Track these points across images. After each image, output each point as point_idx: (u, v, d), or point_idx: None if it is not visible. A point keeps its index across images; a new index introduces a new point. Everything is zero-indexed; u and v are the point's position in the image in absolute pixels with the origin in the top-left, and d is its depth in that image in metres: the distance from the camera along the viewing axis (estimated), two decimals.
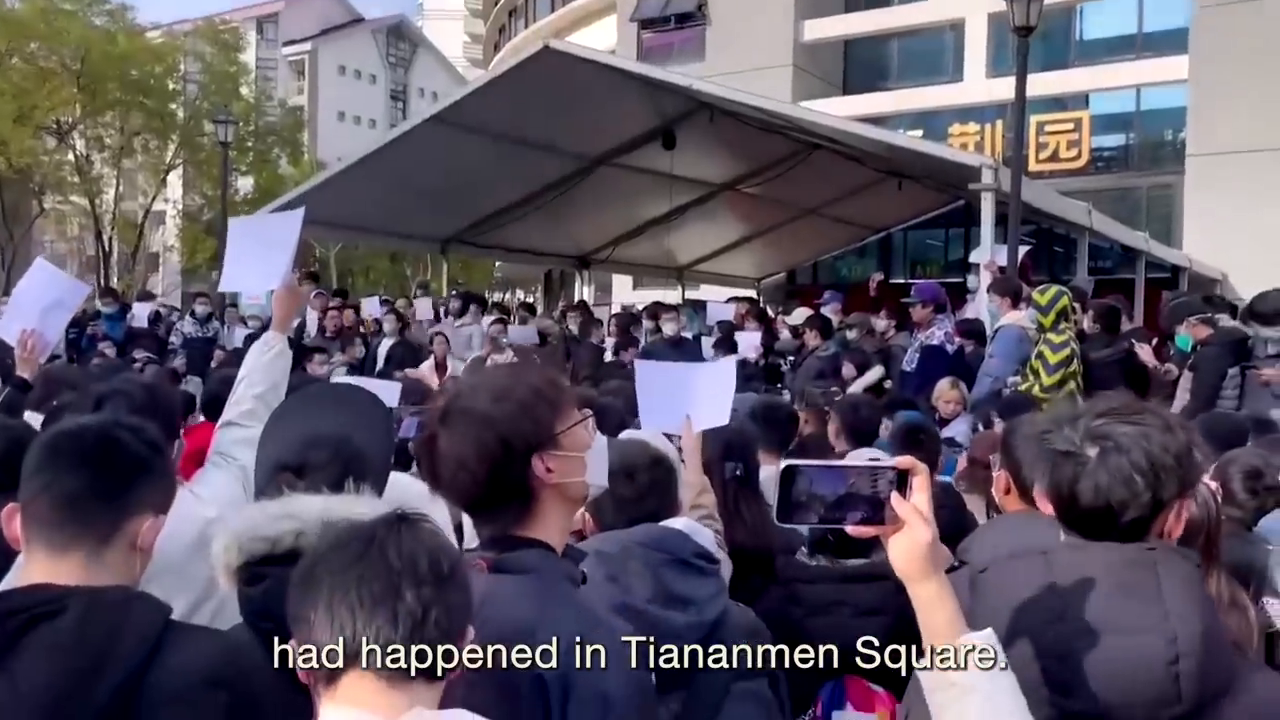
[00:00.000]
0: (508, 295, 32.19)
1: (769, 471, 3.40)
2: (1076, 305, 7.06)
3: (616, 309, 16.82)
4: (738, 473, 3.25)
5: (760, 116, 11.84)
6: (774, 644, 2.37)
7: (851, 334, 9.07)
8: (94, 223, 30.34)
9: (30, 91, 25.88)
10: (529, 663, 1.46)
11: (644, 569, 2.01)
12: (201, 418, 4.22)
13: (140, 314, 12.34)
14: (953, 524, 3.22)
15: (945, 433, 5.39)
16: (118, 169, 30.75)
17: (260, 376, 2.67)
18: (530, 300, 24.72)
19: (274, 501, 1.71)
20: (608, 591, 1.92)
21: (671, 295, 16.64)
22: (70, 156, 29.32)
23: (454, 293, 13.29)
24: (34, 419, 3.41)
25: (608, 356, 10.32)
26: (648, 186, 14.20)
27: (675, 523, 2.18)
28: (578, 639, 1.51)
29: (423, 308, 12.40)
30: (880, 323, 9.05)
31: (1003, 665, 1.34)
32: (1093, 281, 11.93)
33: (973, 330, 7.80)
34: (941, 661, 1.33)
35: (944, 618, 1.34)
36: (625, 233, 16.04)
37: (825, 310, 10.02)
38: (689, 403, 3.10)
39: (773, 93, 16.15)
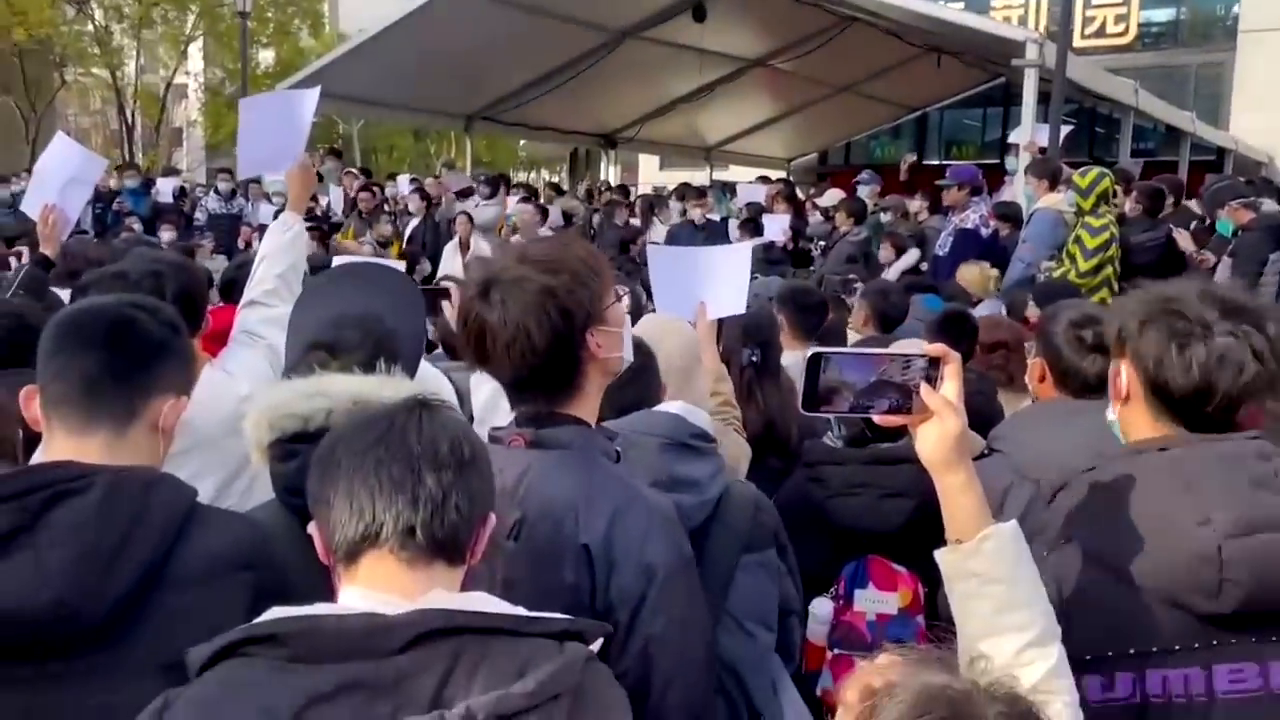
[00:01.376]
0: (533, 175, 31.82)
1: (795, 358, 3.37)
2: (1119, 188, 6.86)
3: (644, 189, 16.59)
4: (754, 358, 3.22)
5: None
6: (790, 521, 2.39)
7: (885, 217, 8.90)
8: (116, 96, 29.99)
9: None
10: (574, 533, 1.49)
11: (644, 455, 2.00)
12: (219, 300, 4.20)
13: (165, 189, 12.31)
14: (983, 412, 3.19)
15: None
16: (138, 40, 30.19)
17: (280, 256, 2.67)
18: (556, 180, 24.41)
19: (306, 379, 1.71)
20: None
21: (699, 176, 16.36)
22: (89, 27, 28.79)
23: (481, 175, 13.11)
24: (64, 294, 3.42)
25: None
26: (676, 61, 13.79)
27: (670, 406, 2.18)
28: (621, 510, 1.53)
29: (457, 180, 12.25)
30: (914, 204, 8.86)
31: (1026, 557, 1.33)
32: (1140, 164, 11.58)
33: (1008, 213, 7.62)
34: (964, 551, 1.31)
35: (969, 508, 1.32)
36: (652, 111, 15.67)
37: (862, 191, 9.77)
38: (703, 288, 3.05)
39: None
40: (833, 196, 10.17)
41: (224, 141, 31.70)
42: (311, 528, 1.22)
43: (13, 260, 6.00)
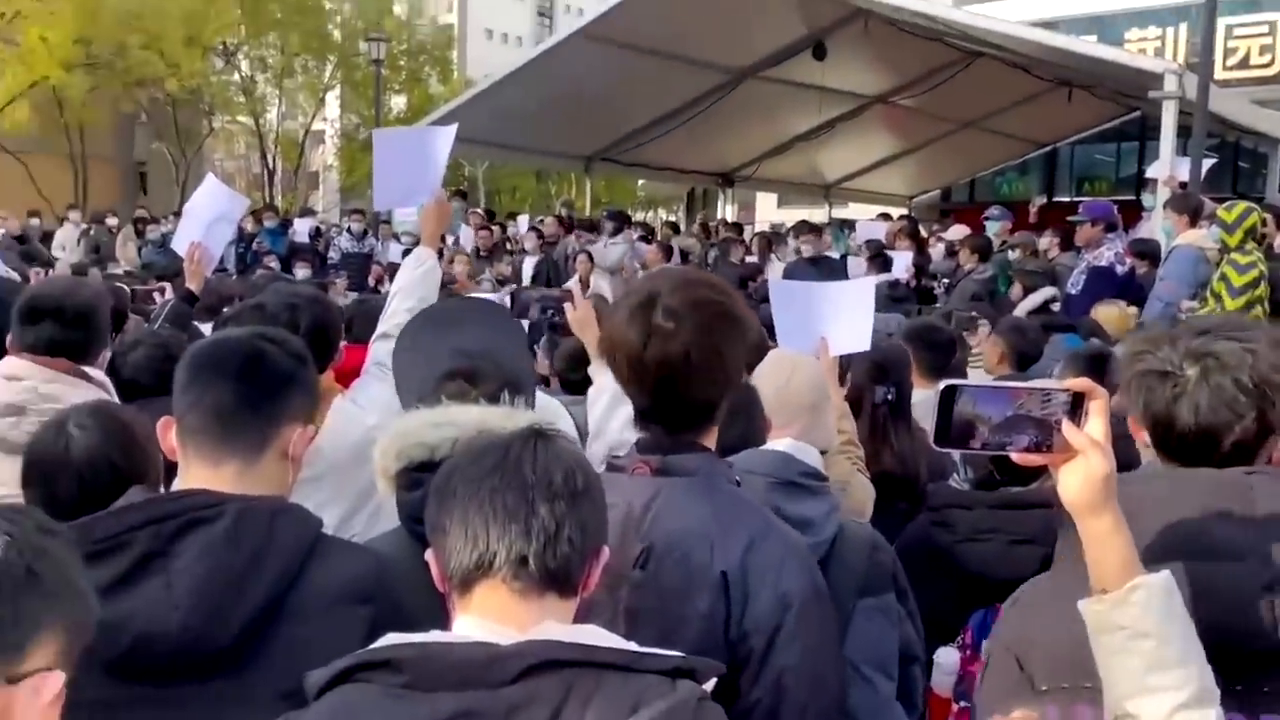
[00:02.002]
0: (650, 214, 32.14)
1: (922, 396, 3.27)
2: (1269, 220, 6.49)
3: (761, 227, 16.55)
4: (889, 397, 3.13)
5: (920, 23, 11.23)
6: (914, 566, 2.29)
7: (1014, 254, 8.62)
8: (259, 141, 31.75)
9: (198, 14, 26.98)
10: (708, 562, 1.46)
11: (752, 494, 1.95)
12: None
13: (301, 230, 12.89)
14: (1123, 456, 3.03)
15: None
16: (280, 89, 31.95)
17: (413, 290, 2.75)
18: (673, 219, 24.59)
19: (433, 409, 1.73)
20: None
21: (818, 213, 16.24)
22: (236, 77, 30.63)
23: (605, 213, 13.33)
24: (206, 328, 3.59)
25: None
26: (795, 100, 13.77)
27: (778, 444, 2.12)
28: (757, 537, 1.51)
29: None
30: (1044, 241, 8.57)
31: (1180, 611, 1.23)
32: None
33: (1146, 250, 7.29)
34: (1110, 601, 1.22)
35: (1117, 556, 1.23)
36: (771, 149, 15.67)
37: (990, 227, 9.50)
38: (825, 323, 2.98)
39: None
40: (958, 232, 9.93)
41: (358, 184, 33.15)
42: (428, 554, 1.23)
43: (157, 296, 6.36)
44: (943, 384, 1.24)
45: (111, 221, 14.01)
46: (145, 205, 15.67)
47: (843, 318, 3.03)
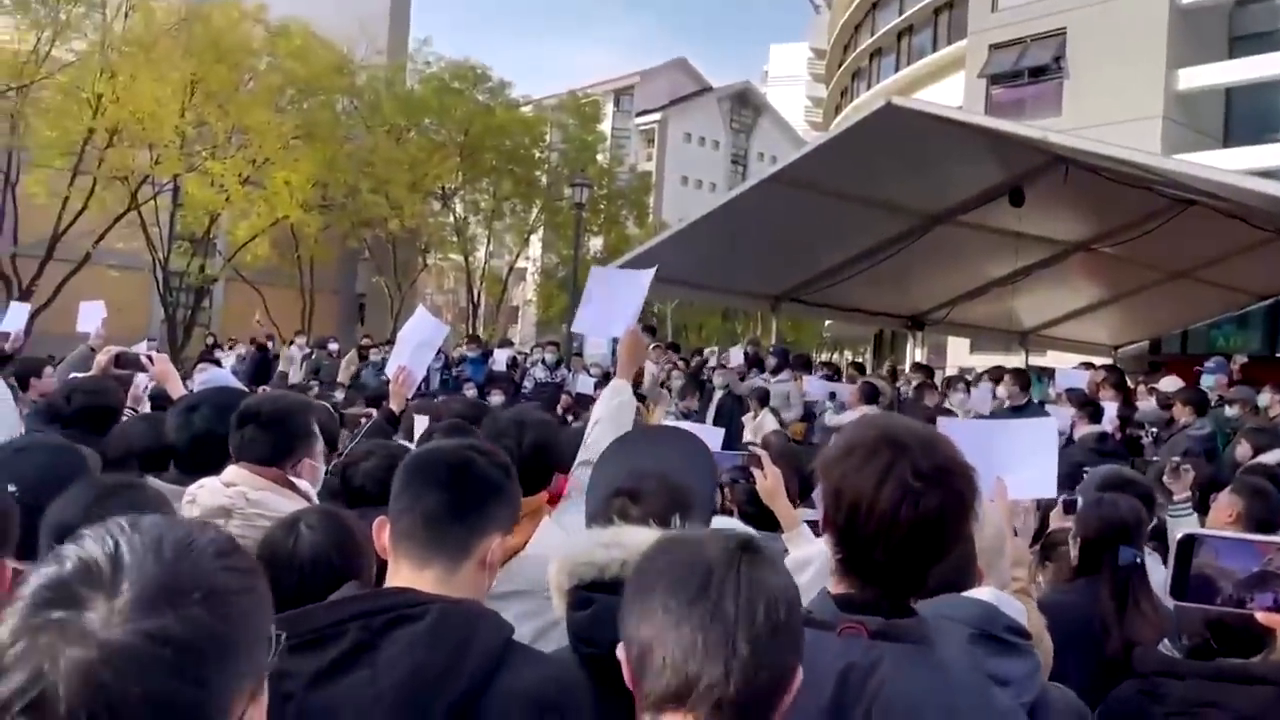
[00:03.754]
0: (836, 355, 31.95)
1: None
2: None
3: (951, 371, 16.13)
4: (1137, 560, 2.94)
5: (1124, 169, 10.93)
6: None
7: (1231, 410, 8.04)
8: (467, 277, 33.94)
9: (422, 162, 29.54)
10: None
11: (952, 644, 1.84)
12: None
13: (499, 359, 13.56)
14: None
15: None
16: (489, 230, 34.24)
17: (610, 420, 2.87)
18: (859, 360, 24.33)
19: (605, 530, 1.77)
20: None
21: (1014, 360, 15.68)
22: (450, 219, 33.08)
23: (772, 349, 13.40)
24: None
25: None
26: (990, 245, 13.54)
27: (980, 593, 2.00)
28: (993, 715, 1.48)
29: (735, 356, 12.64)
30: (1265, 398, 7.96)
31: None
32: None
33: None
34: None
35: None
36: (964, 293, 15.37)
37: (1205, 381, 8.92)
38: (1003, 464, 2.84)
39: (1138, 146, 14.91)
40: (1171, 384, 9.36)
41: (554, 319, 34.73)
42: (620, 652, 1.24)
43: (363, 420, 6.81)
44: (1183, 534, 1.18)
45: (333, 347, 15.20)
46: (368, 334, 16.94)
47: (1022, 459, 2.92)
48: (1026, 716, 1.88)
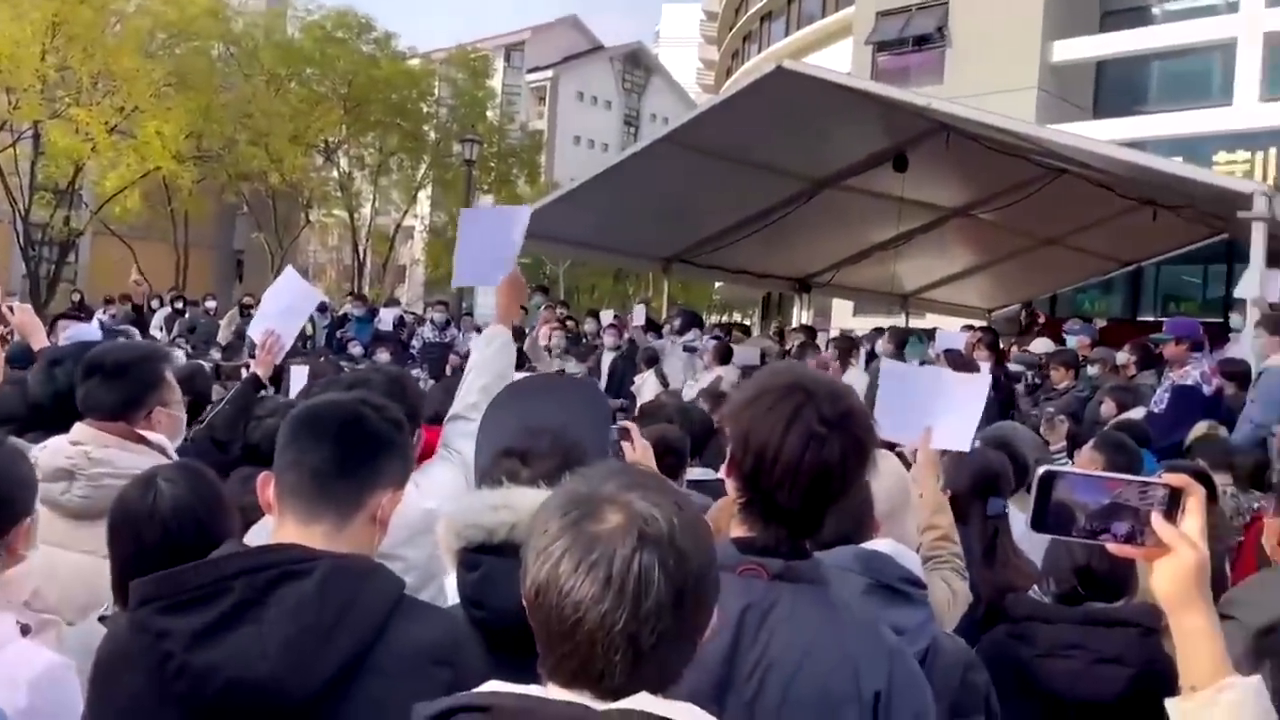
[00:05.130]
0: (725, 317, 32.35)
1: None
2: None
3: (835, 334, 16.52)
4: (1004, 509, 3.05)
5: (1003, 138, 11.31)
6: (995, 682, 2.22)
7: (1093, 369, 8.48)
8: (352, 235, 33.03)
9: (304, 114, 28.49)
10: (852, 683, 1.45)
11: (847, 594, 1.91)
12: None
13: (386, 318, 13.27)
14: (1215, 577, 2.93)
15: None
16: (375, 186, 33.34)
17: (486, 367, 2.73)
18: (747, 323, 24.71)
19: (494, 491, 1.75)
20: None
21: (895, 322, 16.16)
22: (334, 174, 32.07)
23: (677, 310, 13.50)
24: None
25: None
26: (875, 210, 13.87)
27: (879, 544, 2.07)
28: (895, 654, 1.52)
29: (638, 314, 12.70)
30: (1122, 357, 8.41)
31: (1269, 714, 1.19)
32: None
33: (1235, 371, 7.09)
34: (1199, 700, 1.20)
35: (1208, 654, 1.21)
36: (848, 257, 15.75)
37: (1070, 342, 9.37)
38: (931, 414, 2.89)
39: (1015, 115, 15.43)
40: (1043, 345, 9.80)
41: (443, 278, 34.16)
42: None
43: (243, 372, 6.57)
44: (1042, 469, 1.25)
45: (210, 305, 14.63)
46: (249, 292, 16.34)
47: (950, 411, 2.94)
48: (915, 661, 1.96)
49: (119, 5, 25.35)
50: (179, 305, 14.58)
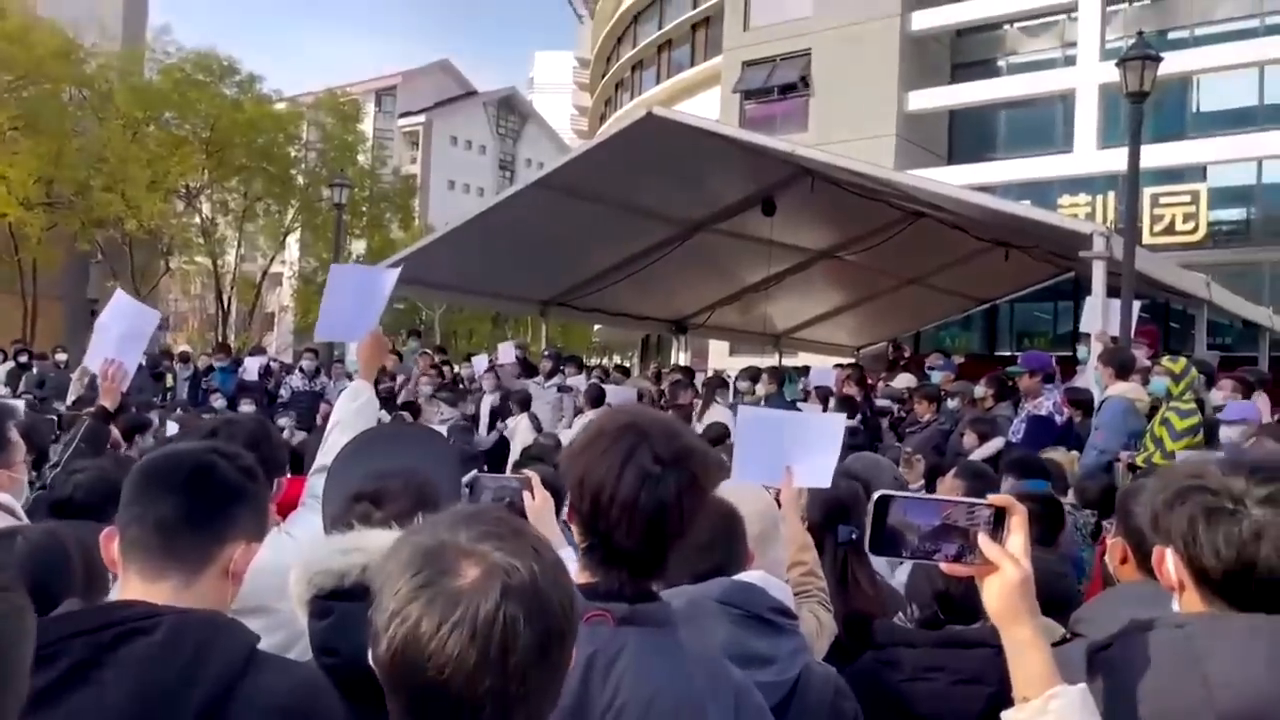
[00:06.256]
0: (605, 359, 32.50)
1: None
2: (1201, 378, 6.81)
3: (711, 374, 16.80)
4: (854, 536, 3.12)
5: (863, 183, 11.79)
6: (865, 708, 2.27)
7: (953, 402, 8.84)
8: (215, 282, 31.88)
9: (163, 158, 27.48)
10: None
11: (717, 626, 1.94)
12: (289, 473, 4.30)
13: (251, 368, 12.82)
14: (1066, 595, 3.06)
15: None
16: (240, 231, 32.31)
17: (350, 423, 2.74)
18: (626, 365, 24.90)
19: (343, 535, 1.72)
20: None
21: (769, 361, 16.54)
22: (197, 219, 30.95)
23: (545, 352, 13.48)
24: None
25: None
26: (746, 252, 14.23)
27: (749, 576, 2.10)
28: (741, 694, 1.53)
29: (504, 352, 12.65)
30: (979, 390, 8.81)
31: None
32: (1218, 356, 11.43)
33: (1080, 400, 7.52)
34: (1031, 709, 1.27)
35: (1036, 665, 1.28)
36: (722, 298, 16.08)
37: (935, 377, 9.78)
38: (791, 455, 2.97)
39: (876, 161, 16.12)
40: (904, 380, 10.18)
41: (312, 326, 33.26)
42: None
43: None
44: (877, 494, 1.31)
45: (60, 357, 13.87)
46: None
47: (809, 450, 3.02)
48: (760, 696, 1.99)
49: None
50: (23, 359, 13.78)
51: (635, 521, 1.48)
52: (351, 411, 2.77)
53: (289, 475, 4.07)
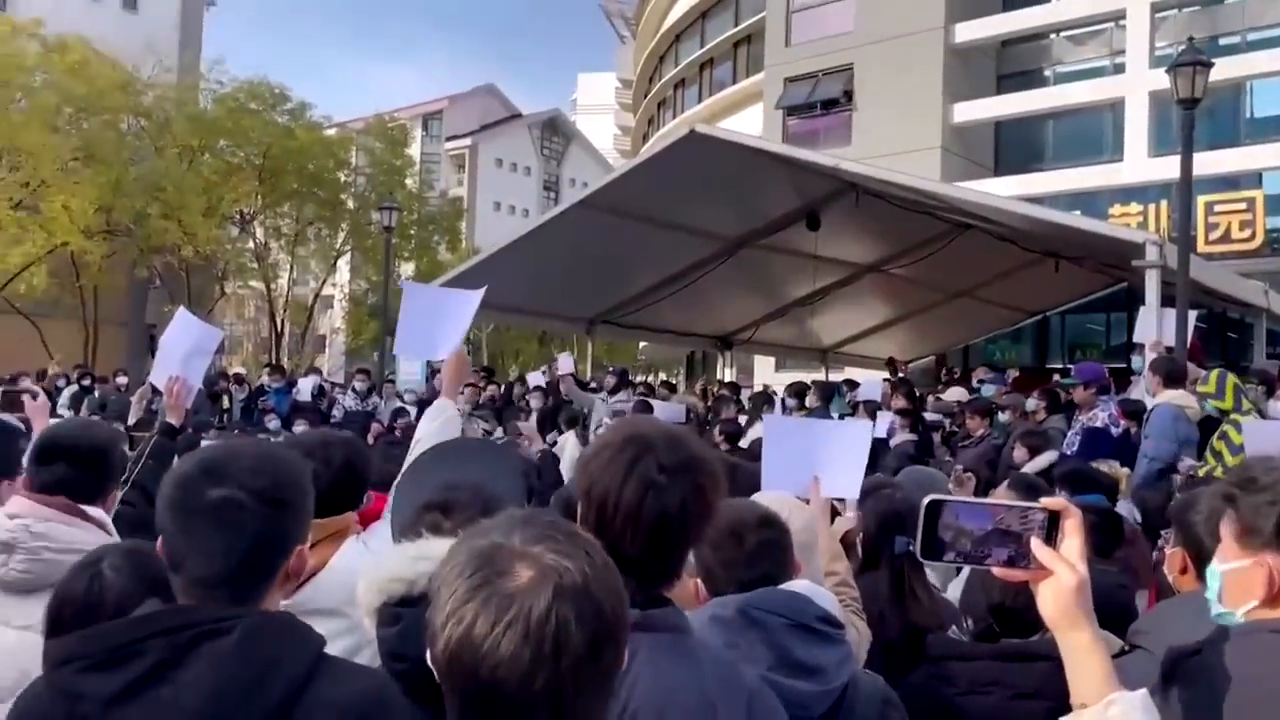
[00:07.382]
0: (650, 376, 32.53)
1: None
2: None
3: (758, 388, 16.74)
4: (910, 548, 3.11)
5: (908, 195, 11.72)
6: None
7: (1005, 416, 8.73)
8: (269, 305, 32.46)
9: (217, 185, 28.10)
10: None
11: (764, 634, 1.95)
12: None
13: (304, 388, 13.04)
14: (1125, 608, 3.02)
15: None
16: (292, 255, 32.89)
17: (433, 439, 2.79)
18: (673, 381, 24.90)
19: (412, 544, 1.76)
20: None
21: (815, 377, 16.45)
22: (250, 244, 31.58)
23: (610, 369, 13.52)
24: None
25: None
26: (791, 268, 14.20)
27: (796, 585, 2.10)
28: (754, 699, 1.53)
29: (564, 363, 12.70)
30: (1031, 403, 8.69)
31: None
32: (1278, 365, 11.16)
33: (1135, 411, 7.38)
34: (1088, 716, 1.25)
35: (1094, 671, 1.27)
36: (767, 314, 16.05)
37: (986, 390, 9.67)
38: (818, 464, 2.99)
39: (920, 174, 16.01)
40: (956, 393, 10.07)
41: (363, 346, 33.69)
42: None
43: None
44: (928, 499, 1.31)
45: (121, 380, 14.23)
46: None
47: (836, 460, 3.04)
48: (830, 698, 1.99)
49: (24, 80, 24.87)
50: (86, 382, 14.15)
51: (639, 530, 1.51)
52: (435, 429, 2.83)
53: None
